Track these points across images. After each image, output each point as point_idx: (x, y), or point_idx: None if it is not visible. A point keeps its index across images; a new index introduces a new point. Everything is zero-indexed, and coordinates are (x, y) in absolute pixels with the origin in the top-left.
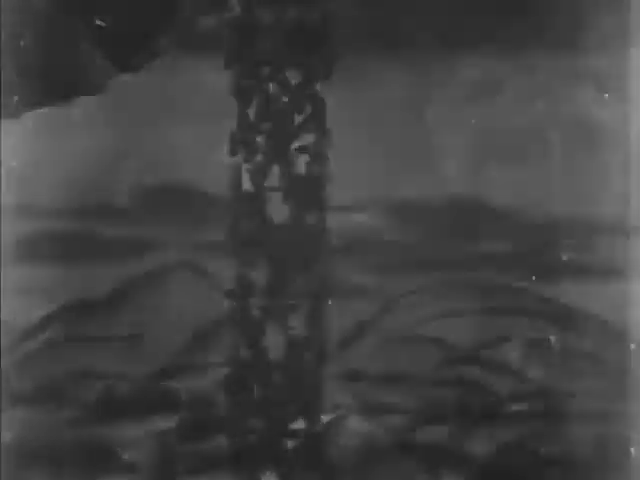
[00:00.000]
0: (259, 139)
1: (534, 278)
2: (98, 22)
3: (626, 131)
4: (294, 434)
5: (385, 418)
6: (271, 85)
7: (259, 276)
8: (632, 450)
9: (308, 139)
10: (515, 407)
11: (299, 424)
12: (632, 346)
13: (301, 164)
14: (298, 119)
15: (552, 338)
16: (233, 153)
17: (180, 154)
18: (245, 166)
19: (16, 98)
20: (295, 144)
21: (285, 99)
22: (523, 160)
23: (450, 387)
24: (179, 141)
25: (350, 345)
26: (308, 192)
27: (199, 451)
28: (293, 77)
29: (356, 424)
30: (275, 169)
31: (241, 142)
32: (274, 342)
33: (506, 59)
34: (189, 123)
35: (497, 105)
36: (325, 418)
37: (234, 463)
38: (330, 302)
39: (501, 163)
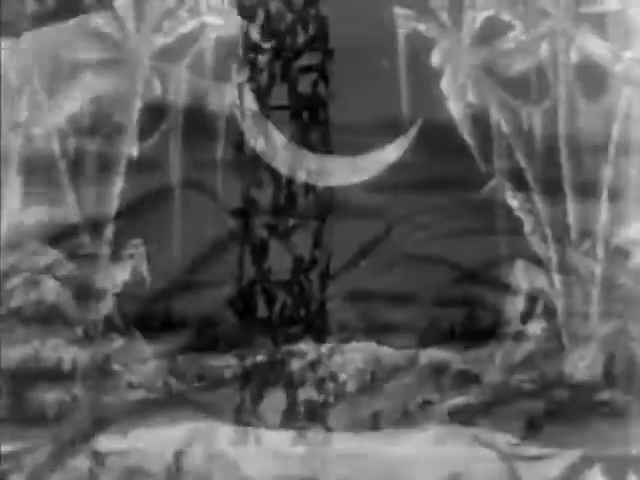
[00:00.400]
0: (263, 58)
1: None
2: None
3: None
4: (300, 354)
5: (391, 337)
6: (275, 3)
7: (264, 195)
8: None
9: (312, 58)
10: (521, 327)
11: (305, 344)
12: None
13: (305, 83)
14: (302, 38)
15: (553, 256)
16: (238, 72)
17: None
18: (249, 85)
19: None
20: (299, 63)
21: (289, 18)
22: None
23: (455, 306)
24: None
25: (355, 265)
26: (312, 111)
27: (205, 369)
28: None
29: (361, 344)
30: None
31: (245, 61)
32: (279, 262)
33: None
34: None
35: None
36: (331, 338)
37: (241, 382)
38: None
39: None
